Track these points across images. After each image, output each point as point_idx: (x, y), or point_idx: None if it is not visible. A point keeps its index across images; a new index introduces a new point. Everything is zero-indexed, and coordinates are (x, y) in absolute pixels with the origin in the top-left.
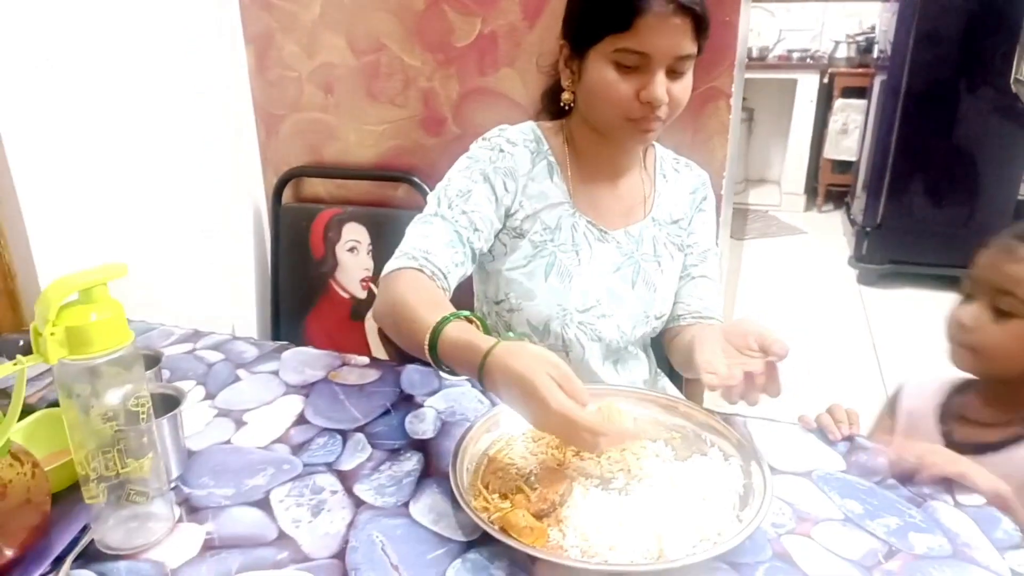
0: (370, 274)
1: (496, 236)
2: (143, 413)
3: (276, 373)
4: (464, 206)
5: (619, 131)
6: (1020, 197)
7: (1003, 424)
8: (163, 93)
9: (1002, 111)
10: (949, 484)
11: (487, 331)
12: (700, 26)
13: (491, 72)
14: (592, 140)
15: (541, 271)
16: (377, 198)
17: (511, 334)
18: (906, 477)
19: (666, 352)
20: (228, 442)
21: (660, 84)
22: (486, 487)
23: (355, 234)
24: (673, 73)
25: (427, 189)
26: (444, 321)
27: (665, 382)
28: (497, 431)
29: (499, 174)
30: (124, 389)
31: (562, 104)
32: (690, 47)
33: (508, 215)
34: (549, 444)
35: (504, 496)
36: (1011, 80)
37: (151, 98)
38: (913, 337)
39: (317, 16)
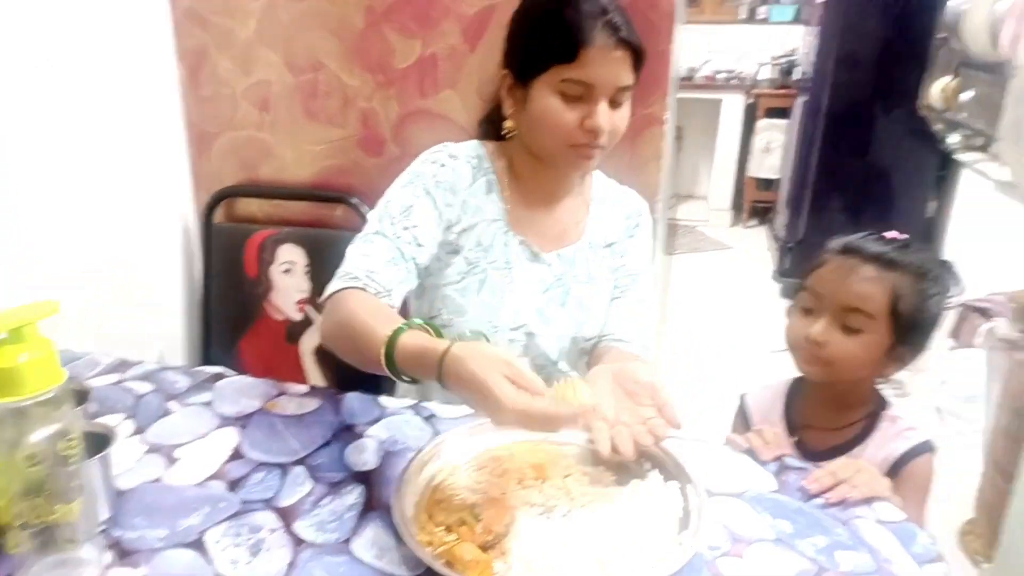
0: (306, 296)
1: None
2: (72, 456)
3: (209, 404)
4: (406, 222)
5: (561, 158)
6: (929, 215)
7: (846, 426)
8: (87, 108)
9: (913, 133)
10: (869, 500)
11: (439, 336)
12: (639, 58)
13: (432, 94)
14: (532, 166)
15: (474, 287)
16: (314, 218)
17: (468, 333)
18: (831, 500)
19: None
20: (159, 480)
21: (603, 113)
22: (430, 519)
23: (291, 255)
24: (613, 103)
25: (366, 210)
26: (398, 331)
27: None
28: (440, 460)
29: (441, 188)
30: (52, 430)
31: (504, 132)
32: (629, 78)
33: (448, 228)
34: (492, 472)
35: (448, 528)
36: (920, 105)
37: (74, 113)
38: None
39: (253, 33)
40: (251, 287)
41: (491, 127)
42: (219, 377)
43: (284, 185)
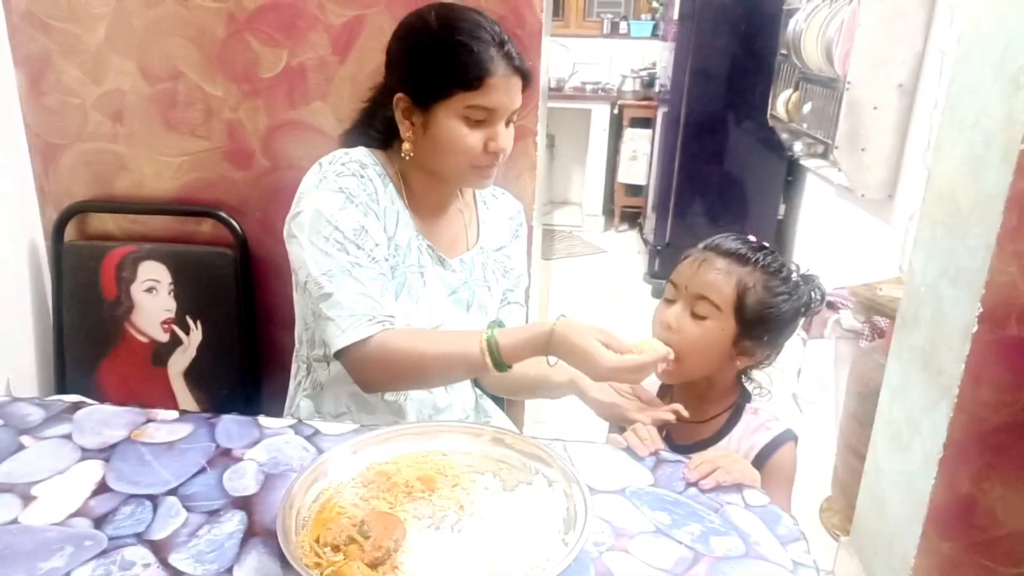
0: (172, 315)
1: None
2: None
3: (69, 437)
4: (368, 245)
5: (463, 177)
6: (779, 217)
7: (710, 419)
8: None
9: (763, 142)
10: (739, 486)
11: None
12: (527, 82)
13: (301, 105)
14: (425, 182)
15: (391, 291)
16: (178, 234)
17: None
18: (705, 486)
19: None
20: (15, 521)
21: (504, 135)
22: (316, 540)
23: (153, 273)
24: (507, 123)
25: (235, 224)
26: (491, 333)
27: (486, 402)
28: (325, 480)
29: (372, 200)
30: None
31: (402, 154)
32: (520, 100)
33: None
34: (379, 487)
35: (336, 548)
36: (768, 116)
37: None
38: None
39: (103, 39)
40: (110, 308)
41: (361, 138)
42: (77, 407)
43: (143, 199)
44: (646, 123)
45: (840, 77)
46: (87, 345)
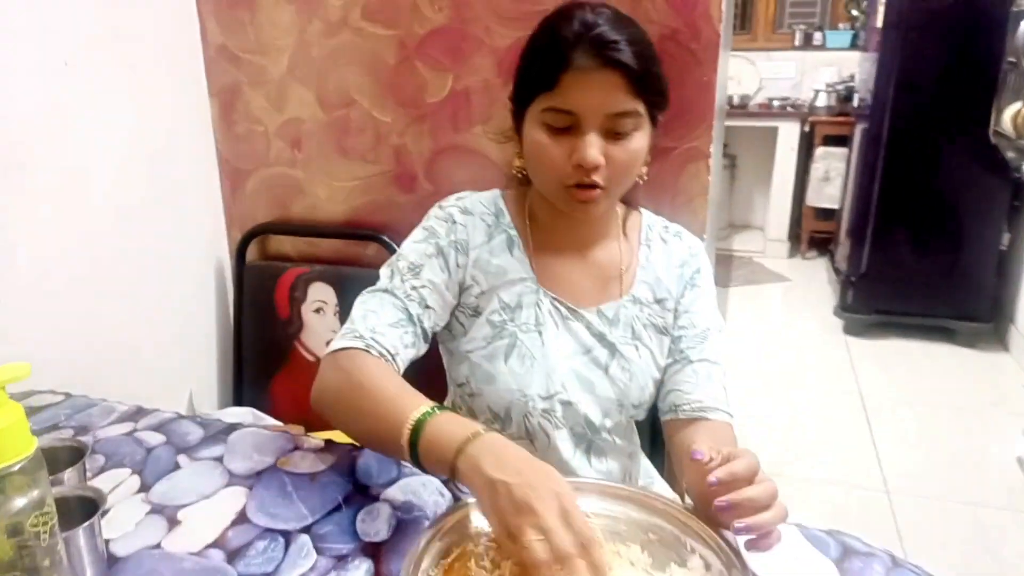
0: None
1: (453, 314)
2: (44, 531)
3: (220, 459)
4: (415, 281)
5: (561, 200)
6: (1002, 247)
7: None
8: (120, 145)
9: (983, 161)
10: None
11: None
12: (639, 81)
13: (465, 129)
14: (549, 211)
15: (501, 353)
16: (346, 256)
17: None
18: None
19: (668, 450)
20: (159, 546)
21: (591, 145)
22: None
23: (321, 294)
24: (613, 134)
25: (396, 247)
26: (428, 413)
27: (647, 465)
28: (459, 533)
29: (452, 247)
30: (25, 501)
31: (514, 171)
32: (626, 103)
33: (462, 290)
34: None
35: None
36: (990, 132)
37: (106, 149)
38: (900, 390)
39: (285, 70)
40: (283, 327)
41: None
42: (234, 429)
43: (316, 223)
44: (841, 141)
45: None
46: (262, 361)
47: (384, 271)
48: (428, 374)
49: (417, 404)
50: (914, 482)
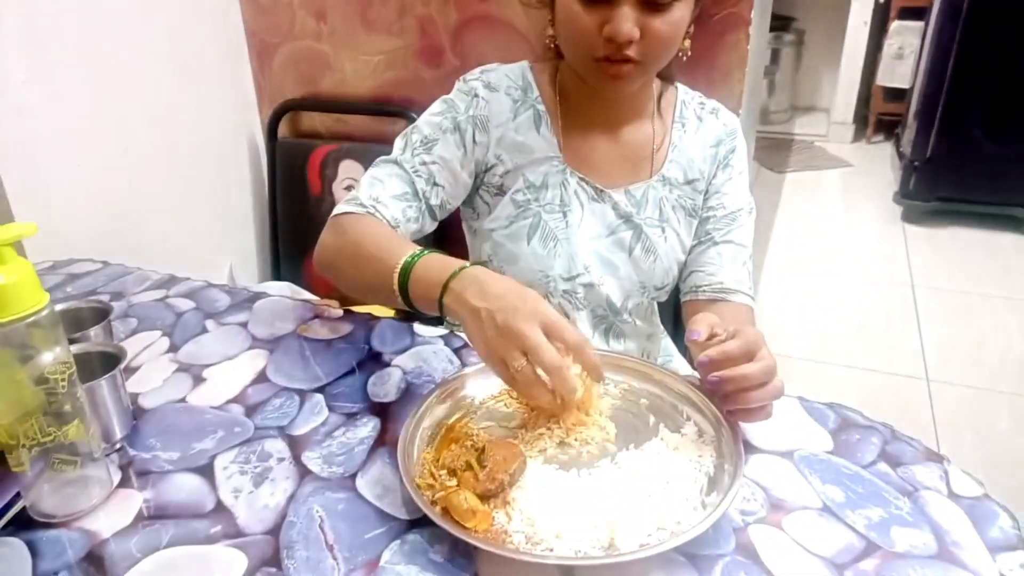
0: None
1: (477, 192)
2: (62, 380)
3: (245, 325)
4: (425, 156)
5: (591, 75)
6: None
7: None
8: (145, 17)
9: None
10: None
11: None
12: None
13: None
14: (579, 86)
15: (524, 233)
16: (374, 134)
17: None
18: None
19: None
20: (184, 400)
21: (625, 18)
22: (437, 460)
23: (351, 172)
24: (653, 4)
25: None
26: (415, 256)
27: (667, 344)
28: (461, 394)
29: (471, 123)
30: (45, 353)
31: (546, 41)
32: None
33: (486, 169)
34: (520, 403)
35: (452, 472)
36: None
37: (128, 23)
38: (954, 279)
39: None
40: (315, 204)
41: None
42: (258, 297)
43: (345, 98)
44: (919, 14)
45: None
46: (298, 237)
47: (398, 141)
48: (452, 255)
49: (407, 250)
50: (957, 373)
